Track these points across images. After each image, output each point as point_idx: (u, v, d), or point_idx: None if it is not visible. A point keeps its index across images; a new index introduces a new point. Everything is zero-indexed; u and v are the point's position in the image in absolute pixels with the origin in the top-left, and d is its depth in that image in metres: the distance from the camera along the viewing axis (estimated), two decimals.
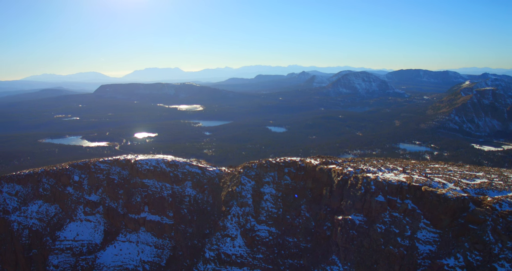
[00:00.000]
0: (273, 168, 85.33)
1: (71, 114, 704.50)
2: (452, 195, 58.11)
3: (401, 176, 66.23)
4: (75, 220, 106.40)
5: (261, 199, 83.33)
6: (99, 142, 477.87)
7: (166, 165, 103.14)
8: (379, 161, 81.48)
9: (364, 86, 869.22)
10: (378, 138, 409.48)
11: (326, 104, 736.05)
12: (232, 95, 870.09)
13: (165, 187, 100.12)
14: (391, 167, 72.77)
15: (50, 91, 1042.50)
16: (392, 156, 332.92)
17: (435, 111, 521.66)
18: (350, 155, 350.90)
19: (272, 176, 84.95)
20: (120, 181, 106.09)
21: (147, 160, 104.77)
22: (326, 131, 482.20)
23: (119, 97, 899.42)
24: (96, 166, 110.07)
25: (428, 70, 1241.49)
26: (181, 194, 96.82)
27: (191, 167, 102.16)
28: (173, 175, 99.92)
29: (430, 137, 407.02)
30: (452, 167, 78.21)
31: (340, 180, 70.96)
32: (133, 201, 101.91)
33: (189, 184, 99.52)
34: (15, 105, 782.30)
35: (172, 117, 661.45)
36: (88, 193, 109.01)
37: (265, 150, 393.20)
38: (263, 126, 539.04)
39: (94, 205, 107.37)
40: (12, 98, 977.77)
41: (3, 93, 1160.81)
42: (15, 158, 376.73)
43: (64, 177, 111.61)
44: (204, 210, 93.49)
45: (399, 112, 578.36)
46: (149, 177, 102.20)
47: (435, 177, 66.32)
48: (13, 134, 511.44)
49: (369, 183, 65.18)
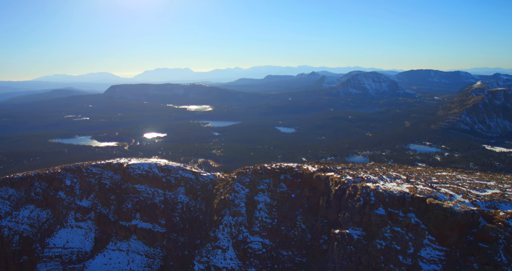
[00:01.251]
0: (268, 174, 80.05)
1: (81, 114, 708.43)
2: (460, 208, 52.28)
3: (404, 186, 60.59)
4: (65, 227, 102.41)
5: (255, 208, 78.11)
6: (108, 142, 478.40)
7: (158, 169, 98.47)
8: (382, 168, 75.50)
9: (374, 86, 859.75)
10: (388, 138, 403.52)
11: (336, 105, 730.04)
12: (241, 96, 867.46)
13: (157, 193, 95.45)
14: (393, 175, 66.98)
15: (61, 92, 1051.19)
16: (401, 157, 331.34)
17: (446, 112, 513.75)
18: (359, 156, 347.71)
19: (267, 183, 79.71)
20: (112, 186, 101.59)
21: (140, 164, 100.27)
22: (336, 132, 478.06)
23: (129, 97, 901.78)
24: (88, 170, 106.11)
25: (439, 71, 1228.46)
26: (173, 201, 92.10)
27: (184, 172, 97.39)
28: (165, 180, 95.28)
29: (440, 137, 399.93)
30: (461, 174, 72.13)
31: (338, 190, 65.43)
32: (124, 208, 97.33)
33: (182, 190, 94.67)
34: (26, 106, 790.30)
35: (181, 118, 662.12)
36: (79, 198, 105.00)
37: (273, 150, 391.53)
38: (272, 127, 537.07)
39: (85, 211, 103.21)
40: (24, 98, 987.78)
41: (15, 94, 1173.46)
42: (24, 157, 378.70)
43: (56, 181, 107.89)
44: (197, 219, 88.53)
45: (409, 113, 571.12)
46: (141, 182, 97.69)
47: (442, 187, 60.50)
48: (24, 134, 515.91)
49: (369, 194, 59.51)
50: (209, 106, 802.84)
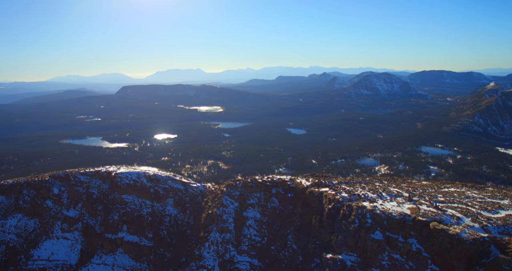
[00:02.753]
0: (259, 188, 73.73)
1: (93, 115, 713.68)
2: (469, 235, 45.06)
3: (406, 206, 53.55)
4: (51, 237, 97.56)
5: (243, 224, 71.79)
6: (119, 143, 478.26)
7: (147, 179, 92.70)
8: (383, 182, 68.40)
9: (386, 87, 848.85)
10: (399, 140, 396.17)
11: (347, 106, 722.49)
12: (252, 97, 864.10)
13: (145, 204, 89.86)
14: (394, 192, 59.92)
15: (73, 92, 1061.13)
16: (413, 159, 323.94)
17: (459, 113, 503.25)
18: (370, 158, 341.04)
19: (257, 197, 73.42)
20: (99, 195, 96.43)
21: (128, 173, 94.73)
22: (347, 133, 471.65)
23: (140, 98, 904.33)
24: (76, 178, 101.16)
25: (451, 71, 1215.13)
26: (161, 213, 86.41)
27: (173, 182, 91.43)
28: (153, 190, 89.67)
29: (453, 139, 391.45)
30: (471, 190, 64.68)
31: (332, 208, 58.72)
32: (110, 219, 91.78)
33: (170, 201, 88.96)
34: (39, 106, 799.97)
35: (192, 119, 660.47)
36: (67, 207, 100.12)
37: (283, 152, 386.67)
38: (283, 128, 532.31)
39: (72, 221, 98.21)
40: (37, 99, 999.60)
41: (28, 94, 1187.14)
42: (35, 158, 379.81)
43: (44, 189, 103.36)
44: (184, 233, 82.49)
45: (422, 114, 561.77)
46: (129, 192, 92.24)
47: (448, 208, 53.34)
48: (36, 135, 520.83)
49: (365, 215, 52.71)
50: (220, 107, 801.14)
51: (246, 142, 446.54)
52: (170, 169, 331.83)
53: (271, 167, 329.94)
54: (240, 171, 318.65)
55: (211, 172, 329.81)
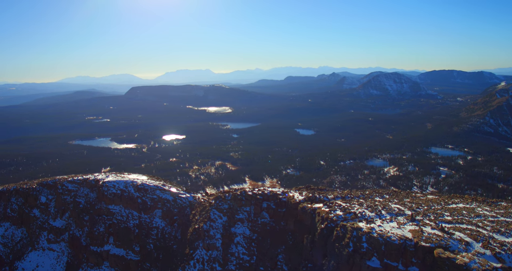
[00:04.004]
0: (249, 201, 67.86)
1: (102, 116, 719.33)
2: (479, 265, 38.71)
3: (407, 228, 46.95)
4: (37, 249, 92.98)
5: (231, 241, 65.81)
6: (127, 143, 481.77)
7: (134, 189, 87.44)
8: (384, 197, 61.81)
9: (395, 87, 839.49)
10: (409, 141, 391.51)
11: (356, 106, 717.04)
12: (261, 97, 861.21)
13: (132, 216, 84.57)
14: (396, 210, 53.61)
15: (83, 93, 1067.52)
16: (423, 161, 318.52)
17: (469, 113, 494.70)
18: (379, 159, 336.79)
19: (247, 212, 67.56)
20: (86, 205, 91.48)
21: (115, 182, 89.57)
22: (355, 134, 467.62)
23: (149, 99, 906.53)
24: (63, 186, 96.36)
25: (462, 71, 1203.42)
26: (148, 225, 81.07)
27: (162, 192, 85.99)
28: (141, 201, 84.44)
29: (463, 140, 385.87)
30: (482, 207, 58.02)
31: (324, 228, 52.53)
32: (96, 231, 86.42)
33: (158, 212, 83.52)
34: (49, 107, 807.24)
35: (200, 120, 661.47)
36: (53, 217, 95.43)
37: (292, 153, 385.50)
38: (291, 129, 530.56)
39: (58, 232, 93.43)
40: (47, 100, 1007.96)
41: (39, 95, 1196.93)
42: (44, 159, 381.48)
43: (31, 197, 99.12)
44: (170, 249, 76.91)
45: (431, 114, 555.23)
46: (116, 203, 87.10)
47: (456, 230, 46.63)
48: (45, 136, 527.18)
49: (360, 239, 46.36)
50: (229, 107, 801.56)
51: (254, 143, 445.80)
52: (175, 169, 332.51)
53: (278, 167, 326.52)
54: (247, 172, 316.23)
55: (219, 173, 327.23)
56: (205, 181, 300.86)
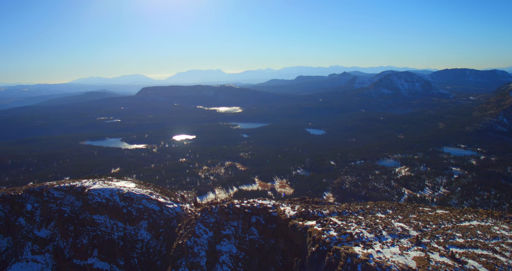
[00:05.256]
0: (237, 215, 63.39)
1: (113, 116, 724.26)
2: None
3: (411, 254, 40.49)
4: (20, 260, 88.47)
5: (216, 260, 61.04)
6: (137, 144, 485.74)
7: (120, 197, 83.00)
8: (387, 212, 56.09)
9: (407, 86, 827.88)
10: (420, 141, 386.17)
11: (367, 106, 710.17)
12: (271, 97, 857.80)
13: (117, 227, 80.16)
14: (399, 230, 47.47)
15: (95, 94, 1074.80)
16: (435, 161, 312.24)
17: (482, 112, 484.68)
18: (390, 159, 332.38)
19: (235, 227, 63.07)
20: (71, 214, 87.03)
21: (101, 190, 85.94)
22: (366, 133, 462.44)
23: (160, 99, 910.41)
24: (49, 193, 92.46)
25: (474, 70, 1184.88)
26: (132, 238, 77.14)
27: (148, 201, 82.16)
28: (126, 211, 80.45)
29: (476, 140, 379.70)
30: (499, 225, 51.07)
31: (316, 251, 46.57)
32: (79, 243, 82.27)
33: (144, 224, 79.07)
34: (60, 108, 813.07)
35: (211, 120, 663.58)
36: (38, 226, 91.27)
37: (302, 153, 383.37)
38: (302, 129, 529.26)
39: (43, 242, 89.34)
40: (59, 101, 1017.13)
41: (51, 96, 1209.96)
42: (54, 160, 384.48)
43: (17, 205, 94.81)
44: (154, 265, 72.67)
45: (444, 114, 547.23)
46: (101, 212, 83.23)
47: (469, 257, 39.79)
48: (57, 136, 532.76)
49: (355, 268, 40.12)
50: (239, 107, 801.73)
51: (264, 143, 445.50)
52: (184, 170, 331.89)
53: (288, 168, 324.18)
54: (257, 173, 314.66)
55: (228, 173, 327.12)
56: (214, 182, 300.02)
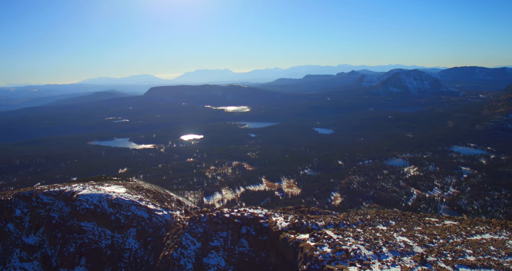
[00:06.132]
0: (226, 225, 58.71)
1: (121, 116, 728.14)
2: None
3: None
4: (8, 268, 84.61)
5: None
6: (145, 144, 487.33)
7: (108, 204, 78.89)
8: (389, 224, 50.46)
9: (416, 85, 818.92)
10: (429, 139, 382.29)
11: (376, 104, 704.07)
12: (279, 96, 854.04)
13: (104, 235, 76.24)
14: (402, 246, 42.06)
15: (103, 94, 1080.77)
16: (444, 160, 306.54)
17: (492, 111, 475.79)
18: (399, 159, 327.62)
19: (223, 238, 58.31)
20: (59, 221, 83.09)
21: (89, 195, 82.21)
22: (375, 132, 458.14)
23: (168, 99, 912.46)
24: (38, 198, 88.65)
25: (484, 67, 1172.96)
26: (120, 246, 73.31)
27: (137, 208, 77.99)
28: (114, 218, 76.62)
29: (486, 138, 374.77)
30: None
31: (307, 270, 41.66)
32: (65, 251, 78.36)
33: (133, 232, 74.96)
34: (69, 108, 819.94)
35: (218, 119, 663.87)
36: (27, 233, 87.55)
37: (309, 152, 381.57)
38: (310, 128, 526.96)
39: (31, 249, 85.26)
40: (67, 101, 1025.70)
41: (60, 96, 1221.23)
42: (62, 160, 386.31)
43: (6, 210, 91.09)
44: None
45: (453, 112, 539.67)
46: (89, 219, 79.36)
47: None
48: (65, 136, 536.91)
49: None
50: (247, 107, 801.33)
51: (272, 142, 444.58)
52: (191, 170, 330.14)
53: (295, 168, 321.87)
54: (264, 173, 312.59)
55: (236, 173, 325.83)
56: (221, 182, 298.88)
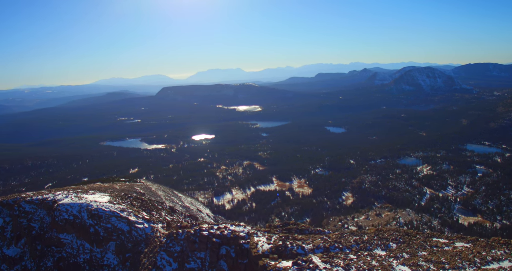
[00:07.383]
0: (204, 244, 51.17)
1: (134, 116, 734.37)
2: None
3: None
4: None
5: None
6: (157, 144, 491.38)
7: (88, 214, 73.11)
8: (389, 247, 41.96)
9: (429, 82, 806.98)
10: (443, 138, 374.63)
11: (388, 103, 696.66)
12: (291, 95, 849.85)
13: (83, 248, 70.65)
14: None
15: (116, 95, 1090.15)
16: (458, 158, 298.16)
17: (507, 108, 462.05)
18: (412, 158, 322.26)
19: (201, 259, 50.79)
20: (40, 232, 77.36)
21: (70, 205, 76.19)
22: (387, 131, 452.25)
23: (179, 99, 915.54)
24: (20, 207, 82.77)
25: (498, 64, 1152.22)
26: (98, 262, 67.73)
27: (118, 220, 71.94)
28: (94, 230, 70.61)
29: (501, 136, 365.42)
30: None
31: None
32: (43, 266, 72.32)
33: (112, 246, 69.06)
34: (82, 109, 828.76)
35: (230, 119, 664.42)
36: (8, 244, 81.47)
37: (321, 152, 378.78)
38: (322, 127, 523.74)
39: (12, 262, 79.01)
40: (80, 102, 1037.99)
41: (73, 97, 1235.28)
42: (74, 161, 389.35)
43: None
44: None
45: (467, 110, 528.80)
46: (68, 231, 73.22)
47: None
48: (77, 137, 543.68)
49: None
50: (258, 106, 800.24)
51: (283, 142, 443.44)
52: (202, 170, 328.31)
53: (307, 167, 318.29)
54: (275, 172, 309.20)
55: (246, 173, 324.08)
56: (232, 182, 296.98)
